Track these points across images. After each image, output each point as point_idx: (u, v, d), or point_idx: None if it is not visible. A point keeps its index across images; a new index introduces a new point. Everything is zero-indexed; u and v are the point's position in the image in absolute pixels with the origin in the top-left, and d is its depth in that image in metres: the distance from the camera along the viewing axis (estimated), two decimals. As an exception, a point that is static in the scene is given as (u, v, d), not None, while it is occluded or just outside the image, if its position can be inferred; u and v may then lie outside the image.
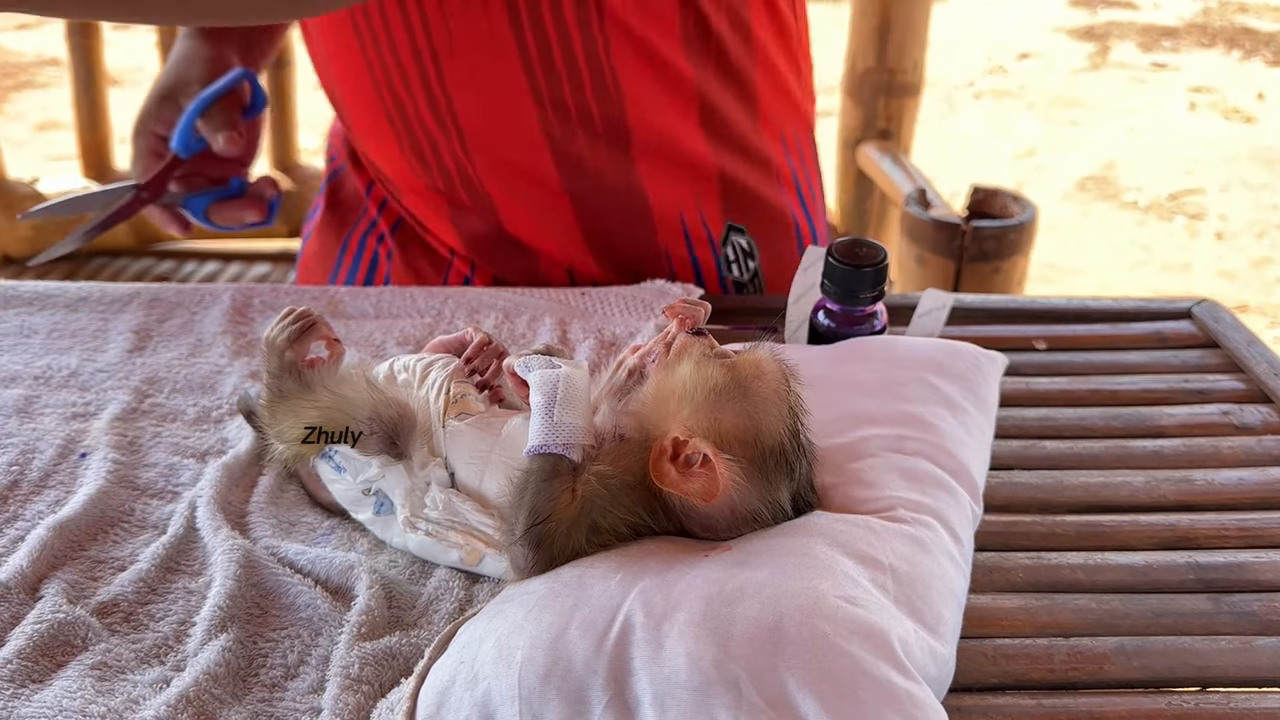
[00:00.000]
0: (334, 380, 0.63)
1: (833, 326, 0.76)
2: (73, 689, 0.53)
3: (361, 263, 1.02)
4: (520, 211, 0.95)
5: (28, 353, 0.82)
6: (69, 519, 0.64)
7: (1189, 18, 5.12)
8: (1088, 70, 4.51)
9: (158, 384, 0.78)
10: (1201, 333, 0.88)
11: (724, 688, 0.46)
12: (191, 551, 0.63)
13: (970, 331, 0.87)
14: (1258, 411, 0.78)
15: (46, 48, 4.34)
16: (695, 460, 0.54)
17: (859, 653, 0.47)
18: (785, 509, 0.56)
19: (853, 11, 2.24)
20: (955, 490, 0.61)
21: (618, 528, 0.55)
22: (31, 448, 0.71)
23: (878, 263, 0.73)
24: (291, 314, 0.66)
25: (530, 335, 0.85)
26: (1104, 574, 0.62)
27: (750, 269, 1.00)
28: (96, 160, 1.88)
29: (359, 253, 1.02)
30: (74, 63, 1.83)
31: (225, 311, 0.87)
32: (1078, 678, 0.56)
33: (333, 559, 0.61)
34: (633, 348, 0.62)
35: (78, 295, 0.89)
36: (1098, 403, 0.79)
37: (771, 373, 0.57)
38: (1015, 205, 1.74)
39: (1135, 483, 0.70)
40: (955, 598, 0.56)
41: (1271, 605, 0.60)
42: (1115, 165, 3.64)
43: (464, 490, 0.61)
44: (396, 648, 0.56)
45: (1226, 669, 0.56)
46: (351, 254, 1.03)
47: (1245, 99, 4.19)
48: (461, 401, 0.64)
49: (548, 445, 0.55)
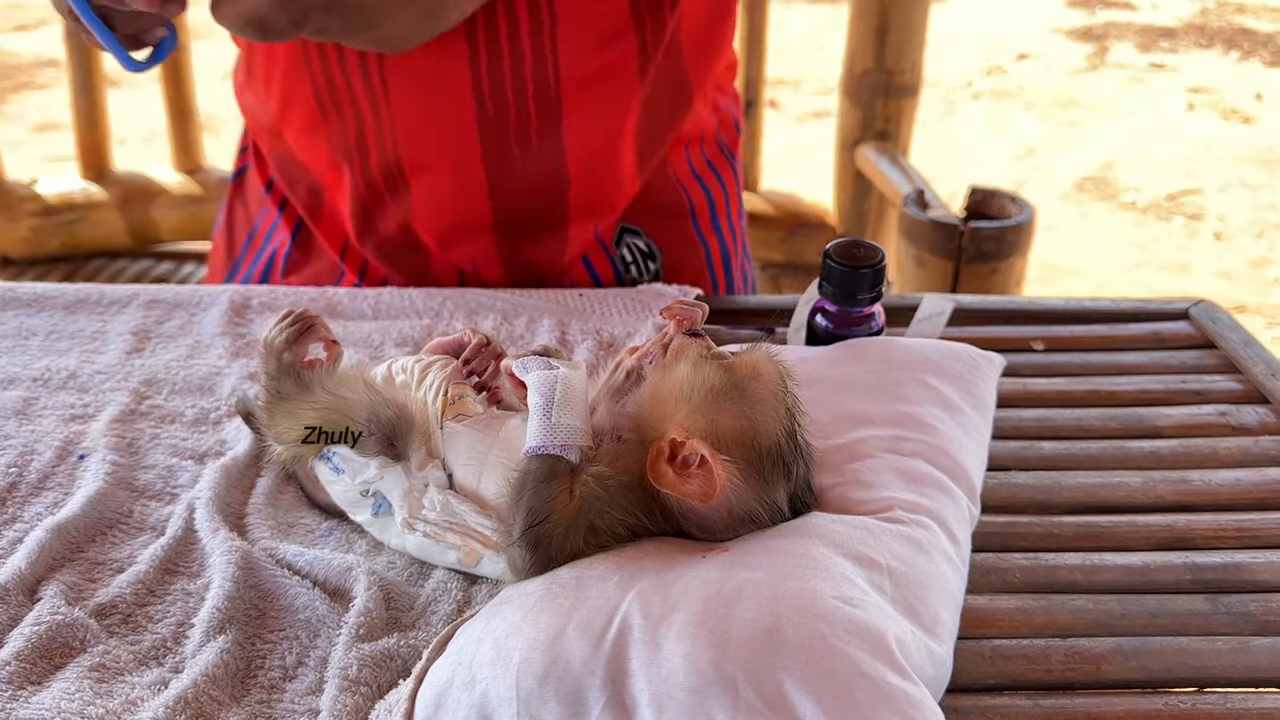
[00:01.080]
0: (332, 382, 0.64)
1: (831, 327, 0.76)
2: (71, 690, 0.53)
3: (260, 261, 1.01)
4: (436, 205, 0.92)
5: (26, 354, 0.82)
6: (67, 521, 0.64)
7: (1187, 18, 5.13)
8: (1086, 71, 4.51)
9: (156, 385, 0.79)
10: (1199, 333, 0.88)
11: (722, 688, 0.46)
12: (190, 553, 0.64)
13: (968, 332, 0.87)
14: (1255, 412, 0.78)
15: (45, 49, 4.33)
16: (693, 461, 0.54)
17: (856, 653, 0.47)
18: (783, 510, 0.56)
19: (851, 12, 2.24)
20: (953, 491, 0.61)
21: (615, 529, 0.55)
22: (30, 449, 0.71)
23: (876, 264, 0.73)
24: (290, 315, 0.66)
25: (528, 336, 0.85)
26: (1101, 574, 0.62)
27: (651, 270, 0.98)
28: (95, 161, 1.88)
29: (261, 250, 1.01)
30: (72, 64, 1.83)
31: (223, 313, 0.87)
32: (1075, 678, 0.56)
33: (331, 560, 0.61)
34: (630, 349, 0.62)
35: (76, 297, 0.89)
36: (1095, 403, 0.79)
37: (769, 374, 0.57)
38: (1013, 206, 1.74)
39: (1132, 483, 0.70)
40: (952, 598, 0.56)
41: (1268, 605, 0.60)
42: (1114, 166, 3.64)
43: (462, 491, 0.61)
44: (395, 649, 0.56)
45: (1223, 669, 0.56)
46: (255, 251, 1.01)
47: (1243, 99, 4.19)
48: (460, 403, 0.64)
49: (545, 446, 0.55)
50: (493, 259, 0.94)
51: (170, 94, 1.86)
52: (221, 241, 1.04)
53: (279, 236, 1.00)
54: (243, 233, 1.03)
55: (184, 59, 1.85)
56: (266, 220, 1.01)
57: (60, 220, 1.84)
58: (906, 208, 1.78)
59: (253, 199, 1.03)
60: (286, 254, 0.99)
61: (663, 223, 0.99)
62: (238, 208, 1.04)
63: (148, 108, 2.26)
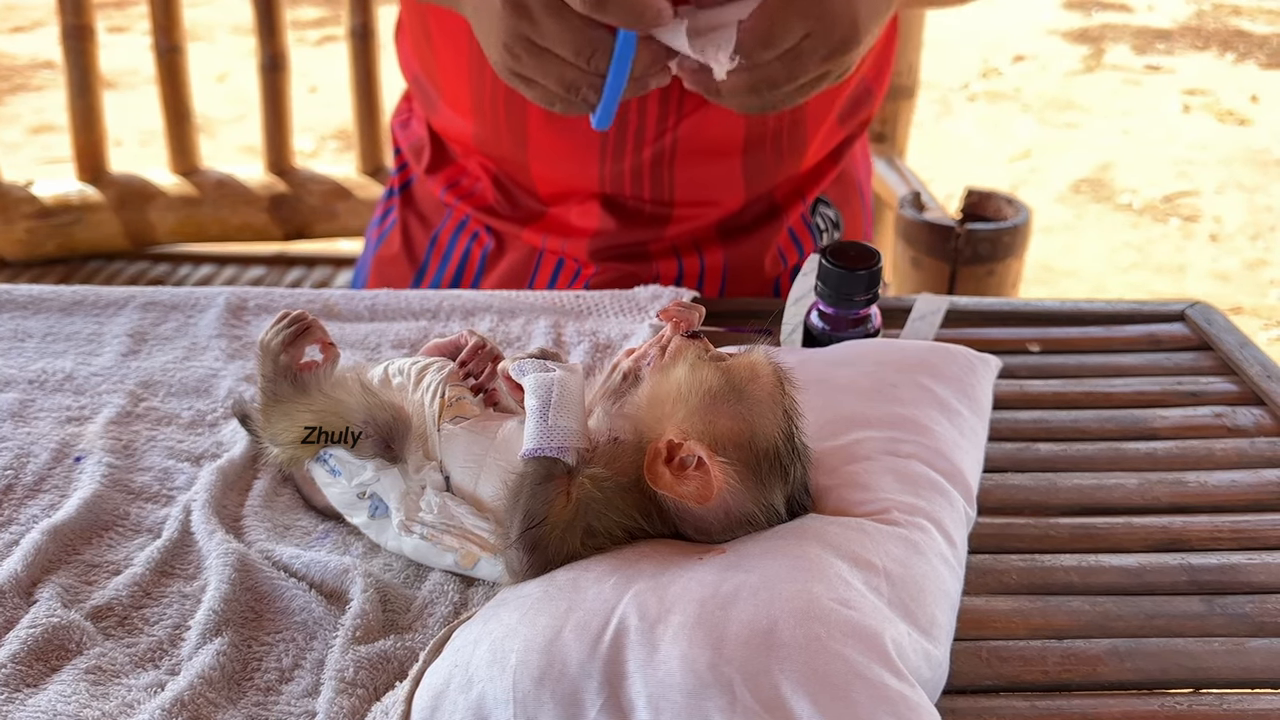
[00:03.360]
0: (329, 383, 0.63)
1: (827, 329, 0.76)
2: (67, 693, 0.53)
3: (451, 259, 1.04)
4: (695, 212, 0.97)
5: (22, 356, 0.82)
6: (63, 523, 0.64)
7: (1183, 20, 5.13)
8: (1082, 73, 4.52)
9: (153, 387, 0.78)
10: (1195, 335, 0.89)
11: (718, 690, 0.46)
12: (186, 555, 0.63)
13: (964, 334, 0.87)
14: (1250, 413, 0.78)
15: (41, 51, 4.33)
16: (690, 463, 0.54)
17: (853, 655, 0.47)
18: (779, 512, 0.56)
19: (848, 14, 2.24)
20: (949, 492, 0.61)
21: (613, 530, 0.55)
22: (26, 451, 0.71)
23: (872, 265, 0.73)
24: (286, 317, 0.66)
25: (525, 338, 0.85)
26: (1097, 576, 0.63)
27: (834, 239, 1.04)
28: (91, 163, 1.87)
29: (449, 250, 1.04)
30: (69, 66, 1.82)
31: (220, 315, 0.87)
32: (1071, 679, 0.56)
33: (327, 562, 0.61)
34: (627, 351, 0.62)
35: (72, 299, 0.89)
36: (1091, 405, 0.80)
37: (766, 375, 0.57)
38: (1009, 208, 1.74)
39: (1129, 484, 0.70)
40: (949, 600, 0.56)
41: (1264, 606, 0.60)
42: (1110, 167, 3.65)
43: (459, 493, 0.61)
44: (391, 651, 0.56)
45: (1219, 670, 0.56)
46: (441, 251, 1.04)
47: (1239, 101, 4.19)
48: (457, 405, 0.64)
49: (542, 448, 0.55)
50: (716, 251, 0.98)
51: (166, 96, 1.86)
52: (400, 251, 1.06)
53: (466, 240, 1.03)
54: (422, 240, 1.06)
55: (180, 61, 1.85)
56: (449, 224, 1.04)
57: (56, 222, 1.84)
58: (903, 209, 1.78)
59: (428, 208, 1.06)
60: (484, 252, 1.02)
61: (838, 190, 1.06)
62: (410, 218, 1.07)
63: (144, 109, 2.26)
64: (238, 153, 3.40)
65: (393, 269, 1.07)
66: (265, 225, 1.90)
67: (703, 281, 0.99)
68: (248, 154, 3.14)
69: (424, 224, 1.07)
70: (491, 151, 0.98)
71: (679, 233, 0.97)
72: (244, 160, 2.50)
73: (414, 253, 1.06)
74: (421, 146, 1.05)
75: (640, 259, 0.98)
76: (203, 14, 4.45)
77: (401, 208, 1.09)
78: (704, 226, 0.98)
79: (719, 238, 0.99)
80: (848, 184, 1.07)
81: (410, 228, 1.07)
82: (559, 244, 0.99)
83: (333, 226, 1.92)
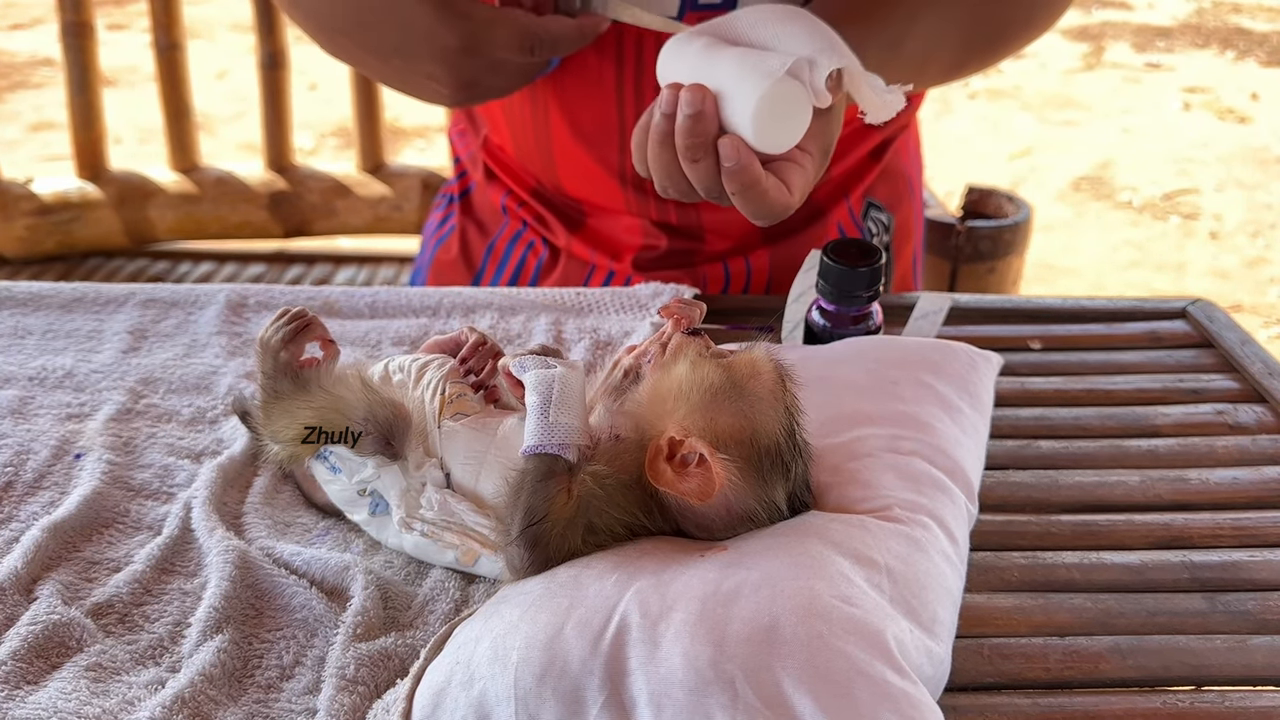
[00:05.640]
0: (329, 380, 0.63)
1: (828, 326, 0.76)
2: (68, 690, 0.52)
3: (507, 267, 1.06)
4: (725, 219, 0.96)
5: (22, 353, 0.81)
6: (63, 520, 0.64)
7: (1183, 18, 5.13)
8: (1082, 70, 4.51)
9: (153, 384, 0.78)
10: (1196, 332, 0.89)
11: (720, 687, 0.46)
12: (186, 552, 0.63)
13: (965, 331, 0.87)
14: (1252, 411, 0.78)
15: (41, 48, 4.33)
16: (691, 460, 0.54)
17: (855, 652, 0.47)
18: (781, 509, 0.56)
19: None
20: (951, 490, 0.61)
21: (614, 528, 0.55)
22: (26, 449, 0.71)
23: (873, 262, 0.73)
24: (286, 314, 0.66)
25: (525, 335, 0.85)
26: (1099, 573, 0.62)
27: (885, 242, 1.03)
28: (90, 161, 1.87)
29: (504, 258, 1.06)
30: (68, 63, 1.82)
31: (220, 312, 0.87)
32: (1073, 677, 0.56)
33: (328, 560, 0.61)
34: (628, 348, 0.62)
35: (72, 296, 0.89)
36: (1093, 402, 0.79)
37: (767, 372, 0.57)
38: (1010, 205, 1.74)
39: (1130, 482, 0.70)
40: (951, 597, 0.56)
41: (1266, 604, 0.60)
42: (1110, 165, 3.65)
43: (460, 491, 0.61)
44: (392, 648, 0.56)
45: (1221, 668, 0.56)
46: (497, 259, 1.06)
47: (1239, 99, 4.19)
48: (457, 402, 0.63)
49: (543, 445, 0.55)
50: (762, 254, 0.99)
51: (166, 93, 1.86)
52: (457, 256, 1.08)
53: (522, 249, 1.05)
54: (479, 247, 1.08)
55: (179, 58, 1.85)
56: (505, 233, 1.06)
57: (56, 219, 1.84)
58: (903, 207, 1.78)
59: (486, 215, 1.08)
60: (539, 262, 1.04)
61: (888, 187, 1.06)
62: (468, 225, 1.09)
63: (143, 107, 2.26)
64: (237, 150, 3.40)
65: (451, 271, 1.09)
66: (265, 222, 1.90)
67: (749, 284, 0.99)
68: (247, 151, 3.14)
69: (482, 231, 1.08)
70: (529, 167, 1.00)
71: (722, 244, 0.98)
72: (244, 158, 2.50)
73: (471, 259, 1.08)
74: (477, 156, 1.07)
75: (686, 266, 0.99)
76: (202, 11, 4.45)
77: (460, 215, 1.11)
78: (747, 233, 0.98)
79: (764, 242, 0.99)
80: (897, 180, 1.06)
81: (468, 234, 1.09)
82: (606, 260, 1.00)
83: (332, 224, 1.92)
